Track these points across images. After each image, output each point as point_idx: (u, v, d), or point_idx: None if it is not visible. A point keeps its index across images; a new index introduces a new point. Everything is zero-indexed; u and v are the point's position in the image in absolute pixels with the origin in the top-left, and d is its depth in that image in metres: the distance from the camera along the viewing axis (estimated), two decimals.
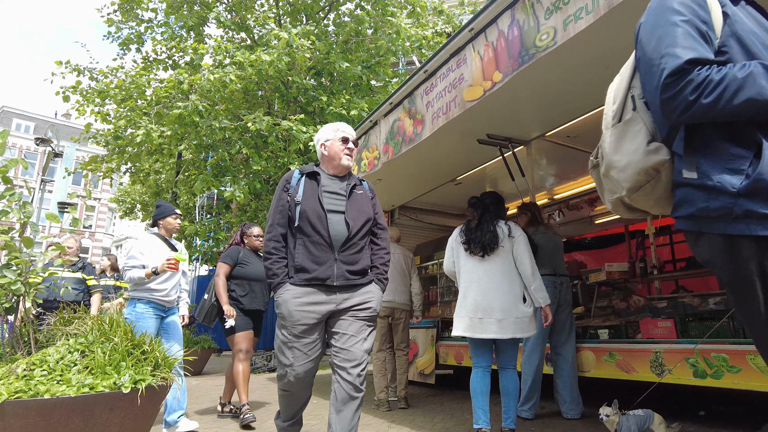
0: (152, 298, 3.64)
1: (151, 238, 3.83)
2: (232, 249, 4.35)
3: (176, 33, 9.86)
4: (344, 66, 8.65)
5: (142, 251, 3.68)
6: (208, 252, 11.56)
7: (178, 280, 3.89)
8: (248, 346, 4.14)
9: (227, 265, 4.23)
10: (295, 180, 2.50)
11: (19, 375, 2.16)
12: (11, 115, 32.88)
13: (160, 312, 3.71)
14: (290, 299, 2.32)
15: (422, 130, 3.57)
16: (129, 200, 17.41)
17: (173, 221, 3.93)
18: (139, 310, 3.59)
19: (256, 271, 4.30)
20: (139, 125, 7.91)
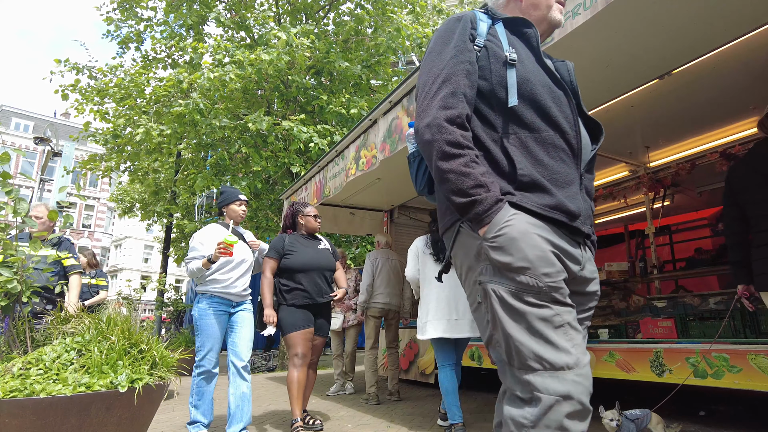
0: (216, 292, 3.30)
1: (213, 227, 3.48)
2: (276, 239, 3.70)
3: (176, 32, 9.83)
4: (344, 65, 8.62)
5: (201, 241, 3.36)
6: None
7: (247, 269, 3.46)
8: (304, 349, 3.43)
9: (272, 260, 3.60)
10: (484, 24, 1.38)
11: (14, 374, 2.15)
12: (10, 114, 32.83)
13: (227, 307, 3.35)
14: (531, 231, 1.20)
15: None
16: (128, 199, 17.39)
17: (237, 208, 3.51)
18: (202, 306, 3.27)
19: (305, 257, 3.61)
20: (139, 124, 7.88)
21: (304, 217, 3.77)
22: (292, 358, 3.39)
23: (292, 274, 3.55)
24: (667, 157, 5.42)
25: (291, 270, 3.55)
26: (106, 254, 36.27)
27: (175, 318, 11.77)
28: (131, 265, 35.34)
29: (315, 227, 3.77)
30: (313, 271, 3.58)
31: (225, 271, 3.34)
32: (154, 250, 35.98)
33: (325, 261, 3.67)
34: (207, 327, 3.25)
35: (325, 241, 3.81)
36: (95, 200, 34.66)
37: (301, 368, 3.39)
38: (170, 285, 10.65)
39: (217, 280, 3.29)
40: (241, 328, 3.38)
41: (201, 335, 3.26)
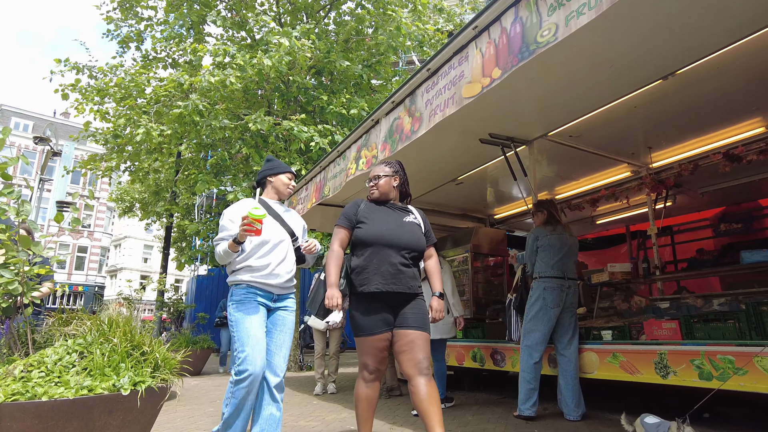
0: (252, 281, 2.63)
1: (249, 202, 2.79)
2: (350, 204, 2.83)
3: (176, 31, 9.80)
4: (345, 65, 8.61)
5: (232, 218, 2.69)
6: (209, 252, 11.51)
7: (288, 253, 2.79)
8: (375, 362, 2.54)
9: (342, 229, 2.71)
10: None
11: (16, 376, 2.13)
12: (9, 113, 32.80)
13: (266, 300, 2.69)
14: None
15: (419, 127, 3.54)
16: (128, 199, 17.38)
17: (287, 181, 2.93)
18: (237, 300, 2.63)
19: (381, 229, 2.63)
20: (139, 124, 7.86)
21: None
22: (361, 369, 2.60)
23: (366, 250, 2.65)
24: (670, 157, 5.40)
25: (364, 244, 2.66)
26: (105, 254, 36.24)
27: (175, 318, 11.74)
28: (131, 264, 35.31)
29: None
30: (389, 248, 2.60)
31: (261, 255, 2.67)
32: (154, 250, 35.96)
33: (409, 237, 2.66)
34: (245, 325, 2.55)
35: (416, 214, 2.85)
36: (95, 200, 34.62)
37: (372, 384, 2.55)
38: (171, 285, 10.62)
39: (252, 267, 2.65)
40: (279, 332, 2.72)
41: (238, 334, 2.55)
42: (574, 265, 4.17)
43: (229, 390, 2.55)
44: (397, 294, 2.55)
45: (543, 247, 4.08)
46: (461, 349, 5.41)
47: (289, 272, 2.80)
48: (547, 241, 4.07)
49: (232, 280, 2.70)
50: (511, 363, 4.71)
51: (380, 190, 2.77)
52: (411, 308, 2.59)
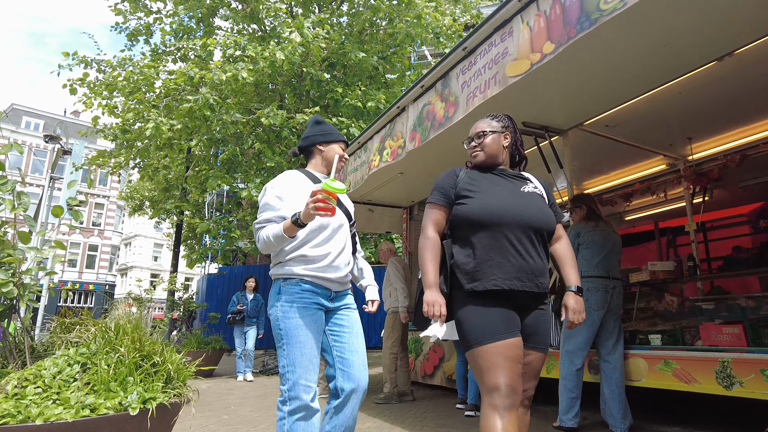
0: (307, 275, 2.08)
1: (294, 175, 2.23)
2: (445, 174, 2.09)
3: (185, 24, 9.57)
4: (360, 56, 8.31)
5: (280, 194, 2.11)
6: (220, 250, 11.30)
7: (347, 242, 2.26)
8: (510, 378, 1.74)
9: (438, 208, 2.01)
10: None
11: (9, 393, 1.85)
12: (20, 112, 32.88)
13: (323, 299, 2.13)
14: None
15: (455, 112, 3.23)
16: (138, 197, 17.24)
17: (341, 152, 2.33)
18: (287, 298, 2.06)
19: (498, 203, 1.91)
20: (148, 118, 7.63)
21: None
22: (490, 393, 1.74)
23: (475, 234, 1.90)
24: (712, 148, 5.05)
25: (471, 225, 1.90)
26: (116, 252, 36.28)
27: (186, 318, 11.54)
28: (141, 263, 35.33)
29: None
30: (509, 229, 1.87)
31: (318, 243, 2.11)
32: (164, 249, 35.95)
33: (537, 212, 1.92)
34: (297, 334, 2.01)
35: (536, 183, 2.11)
36: (105, 198, 34.68)
37: (509, 415, 1.71)
38: (181, 284, 10.41)
39: (307, 257, 2.08)
40: (348, 334, 2.18)
41: (288, 348, 2.01)
42: (619, 264, 3.84)
43: (282, 423, 1.96)
44: (523, 294, 1.84)
45: (585, 244, 3.75)
46: None
47: (348, 264, 2.25)
48: (590, 238, 3.74)
49: (280, 272, 2.11)
50: (546, 369, 4.39)
51: (486, 152, 2.06)
52: (536, 318, 1.90)
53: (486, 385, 1.75)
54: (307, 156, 2.37)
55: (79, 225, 32.89)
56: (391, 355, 5.29)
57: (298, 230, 1.96)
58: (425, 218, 2.03)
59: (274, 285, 2.14)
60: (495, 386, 1.72)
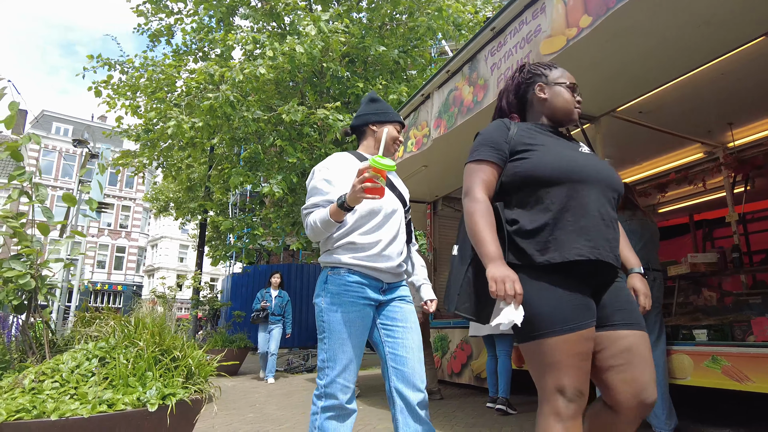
0: (355, 264, 1.89)
1: (343, 157, 2.05)
2: (493, 126, 1.69)
3: (205, 24, 9.60)
4: (380, 49, 8.18)
5: (329, 177, 1.95)
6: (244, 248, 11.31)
7: (401, 228, 2.04)
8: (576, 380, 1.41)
9: (490, 166, 1.62)
10: None
11: (25, 388, 1.78)
12: (50, 118, 33.77)
13: (374, 292, 1.93)
14: None
15: (484, 96, 3.08)
16: (162, 198, 17.46)
17: (397, 134, 2.11)
18: (333, 289, 1.89)
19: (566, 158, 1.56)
20: (170, 117, 7.65)
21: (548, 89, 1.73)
22: (552, 396, 1.42)
23: (545, 194, 1.53)
24: (755, 134, 4.77)
25: (540, 183, 1.53)
26: (143, 254, 36.98)
27: (211, 317, 11.60)
28: (167, 264, 35.95)
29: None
30: (590, 188, 1.53)
31: (368, 230, 1.93)
32: (190, 250, 36.48)
33: (612, 172, 1.62)
34: (340, 330, 1.86)
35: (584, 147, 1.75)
36: (131, 201, 35.38)
37: (573, 422, 1.41)
38: (205, 283, 10.46)
39: (356, 245, 1.90)
40: (403, 329, 1.96)
41: (329, 343, 1.87)
42: (657, 255, 3.62)
43: (315, 418, 1.85)
44: (605, 267, 1.50)
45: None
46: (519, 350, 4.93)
47: (401, 254, 2.02)
48: (627, 227, 3.54)
49: (327, 261, 1.95)
50: None
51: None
52: (617, 292, 1.54)
53: (547, 387, 1.42)
54: (359, 136, 2.18)
55: (107, 227, 33.64)
56: None
57: (345, 214, 1.80)
58: (470, 178, 1.60)
59: (321, 274, 1.99)
60: (559, 388, 1.39)
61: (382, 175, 1.65)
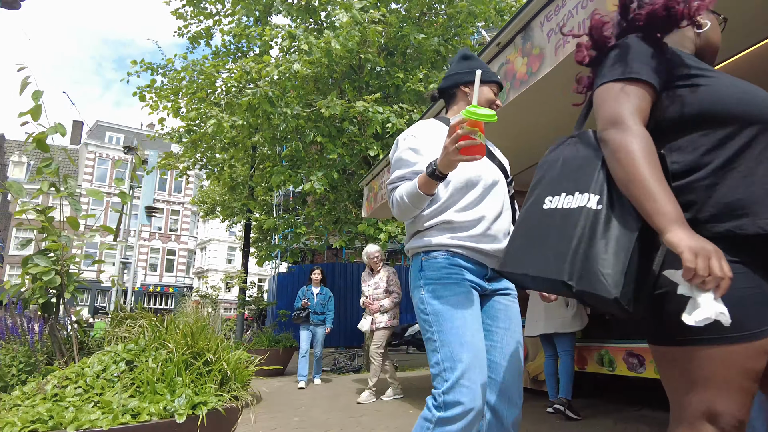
0: (455, 245, 1.56)
1: (433, 124, 1.74)
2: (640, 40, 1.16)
3: (243, 23, 9.63)
4: (420, 37, 7.90)
5: (415, 146, 1.64)
6: (288, 248, 11.31)
7: (504, 203, 1.67)
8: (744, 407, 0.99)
9: (644, 88, 1.11)
10: None
11: (47, 394, 1.63)
12: (104, 128, 35.36)
13: (477, 278, 1.59)
14: None
15: (540, 66, 2.75)
16: (209, 201, 17.82)
17: (494, 96, 1.77)
18: (431, 274, 1.56)
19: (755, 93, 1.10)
20: (210, 116, 7.65)
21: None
22: (698, 420, 1.02)
23: (727, 137, 1.07)
24: None
25: (718, 121, 1.08)
26: (192, 256, 38.14)
27: (257, 316, 11.66)
28: (216, 266, 36.91)
29: None
30: None
31: (467, 205, 1.59)
32: (237, 252, 37.34)
33: None
34: (452, 317, 1.50)
35: None
36: (180, 205, 36.60)
37: None
38: (251, 282, 10.50)
39: (452, 224, 1.57)
40: (503, 332, 1.62)
41: (441, 336, 1.50)
42: None
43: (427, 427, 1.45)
44: None
45: None
46: (582, 350, 4.53)
47: (508, 234, 1.63)
48: None
49: (418, 245, 1.61)
50: (654, 369, 3.78)
51: None
52: None
53: (691, 407, 1.02)
54: (448, 100, 1.86)
55: (158, 231, 34.92)
56: None
57: (437, 185, 1.49)
58: (618, 103, 1.10)
59: (413, 262, 1.65)
60: (710, 413, 1.00)
61: (480, 129, 1.31)
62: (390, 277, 5.46)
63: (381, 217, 7.48)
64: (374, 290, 5.42)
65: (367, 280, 5.57)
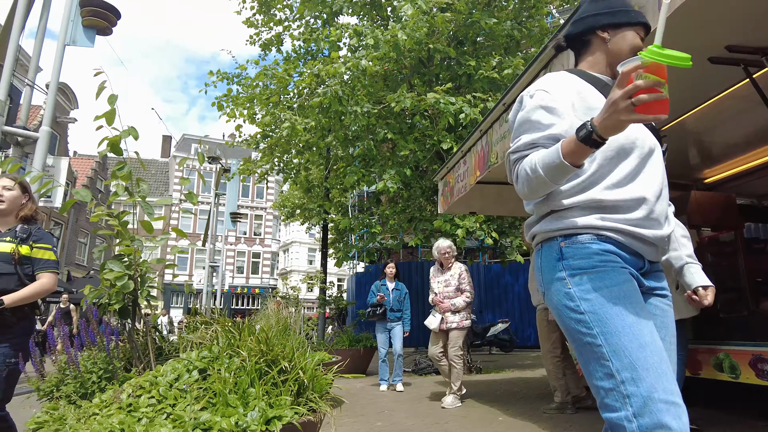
0: (611, 229, 1.24)
1: (565, 77, 1.36)
2: None
3: (310, 25, 9.74)
4: (492, 22, 7.50)
5: (550, 104, 1.27)
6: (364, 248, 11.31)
7: (662, 177, 1.33)
8: None
9: None
10: None
11: (123, 404, 1.56)
12: (190, 141, 37.93)
13: (634, 266, 1.27)
14: None
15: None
16: (289, 205, 18.44)
17: (637, 40, 1.36)
18: (579, 263, 1.23)
19: None
20: (284, 119, 7.77)
21: None
22: None
23: None
24: None
25: None
26: (276, 258, 39.82)
27: (337, 316, 11.77)
28: (298, 267, 38.30)
29: None
30: None
31: (620, 180, 1.27)
32: (317, 253, 38.53)
33: None
34: (622, 315, 1.16)
35: None
36: (262, 210, 38.41)
37: None
38: (330, 282, 10.62)
39: (602, 203, 1.25)
40: (663, 340, 1.27)
41: (610, 341, 1.15)
42: None
43: None
44: None
45: None
46: (695, 353, 3.99)
47: (668, 219, 1.33)
48: None
49: (556, 227, 1.28)
50: None
51: None
52: None
53: None
54: (581, 49, 1.46)
55: (243, 235, 36.81)
56: (554, 359, 4.42)
57: (590, 153, 1.13)
58: None
59: (545, 250, 1.31)
60: None
61: (665, 78, 0.99)
62: (462, 274, 5.16)
63: (457, 212, 7.18)
64: (445, 287, 5.15)
65: (437, 277, 5.31)
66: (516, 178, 1.29)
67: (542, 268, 1.32)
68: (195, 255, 34.50)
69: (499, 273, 14.55)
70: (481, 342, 12.10)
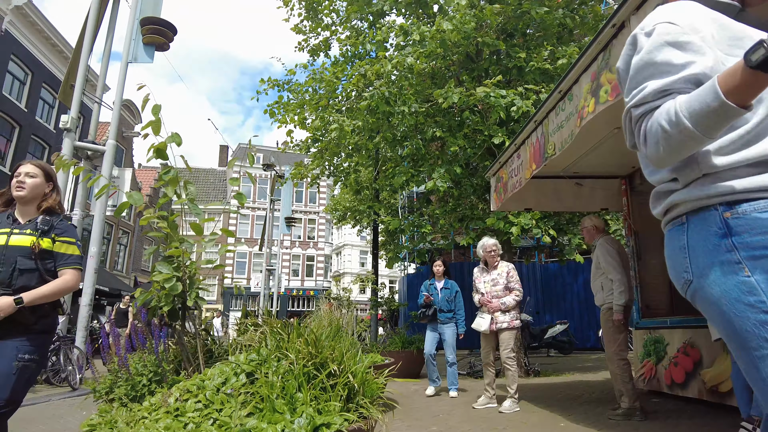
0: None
1: (694, 7, 1.05)
2: None
3: (356, 27, 9.75)
4: (542, 11, 7.21)
5: (681, 39, 0.98)
6: (415, 249, 11.24)
7: None
8: None
9: None
10: None
11: (170, 407, 1.54)
12: (245, 150, 39.15)
13: None
14: None
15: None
16: (340, 208, 18.63)
17: None
18: (756, 241, 0.92)
19: None
20: (333, 122, 7.80)
21: None
22: None
23: None
24: None
25: None
26: (329, 261, 40.47)
27: (389, 317, 11.72)
28: (351, 269, 38.78)
29: None
30: None
31: None
32: (369, 255, 38.84)
33: None
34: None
35: None
36: (315, 214, 39.25)
37: None
38: (382, 284, 10.59)
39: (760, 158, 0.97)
40: None
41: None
42: None
43: None
44: None
45: None
46: None
47: None
48: None
49: (707, 194, 1.00)
50: None
51: None
52: None
53: None
54: None
55: (297, 239, 37.73)
56: (620, 361, 4.15)
57: (766, 86, 0.84)
58: None
59: (697, 223, 1.02)
60: None
61: None
62: (510, 272, 5.01)
63: (511, 209, 6.92)
64: (492, 287, 4.97)
65: (483, 276, 5.15)
66: (643, 139, 1.00)
67: (692, 247, 1.01)
68: (252, 259, 35.66)
69: (557, 272, 14.03)
70: (539, 344, 11.67)
